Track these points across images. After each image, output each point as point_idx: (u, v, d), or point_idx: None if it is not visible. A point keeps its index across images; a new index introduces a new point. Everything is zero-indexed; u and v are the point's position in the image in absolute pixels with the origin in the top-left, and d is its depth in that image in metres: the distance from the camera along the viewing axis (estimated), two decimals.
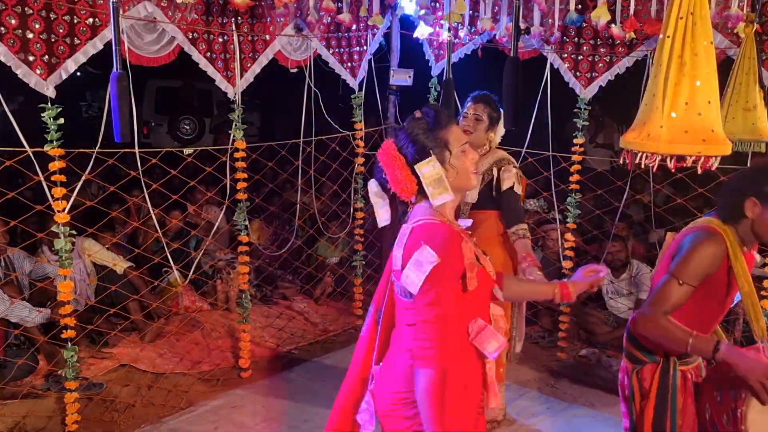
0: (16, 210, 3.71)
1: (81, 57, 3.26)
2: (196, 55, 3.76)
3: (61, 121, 3.20)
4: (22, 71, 3.07)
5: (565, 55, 4.38)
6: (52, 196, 3.27)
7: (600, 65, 4.31)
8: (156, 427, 3.72)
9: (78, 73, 3.61)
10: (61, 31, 3.17)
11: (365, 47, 4.78)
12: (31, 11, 3.06)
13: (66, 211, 3.30)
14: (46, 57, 3.13)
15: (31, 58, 3.08)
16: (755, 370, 2.06)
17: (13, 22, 3.01)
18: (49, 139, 3.19)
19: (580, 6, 3.77)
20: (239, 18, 3.89)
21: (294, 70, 4.37)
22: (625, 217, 5.15)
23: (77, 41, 3.24)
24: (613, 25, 3.79)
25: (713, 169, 1.92)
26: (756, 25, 2.93)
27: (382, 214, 1.95)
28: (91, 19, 3.27)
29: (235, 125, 4.02)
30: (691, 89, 1.85)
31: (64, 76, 3.22)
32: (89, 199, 4.27)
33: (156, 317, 4.82)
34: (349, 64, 4.68)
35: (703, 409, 2.38)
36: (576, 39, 4.33)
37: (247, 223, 4.20)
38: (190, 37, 3.69)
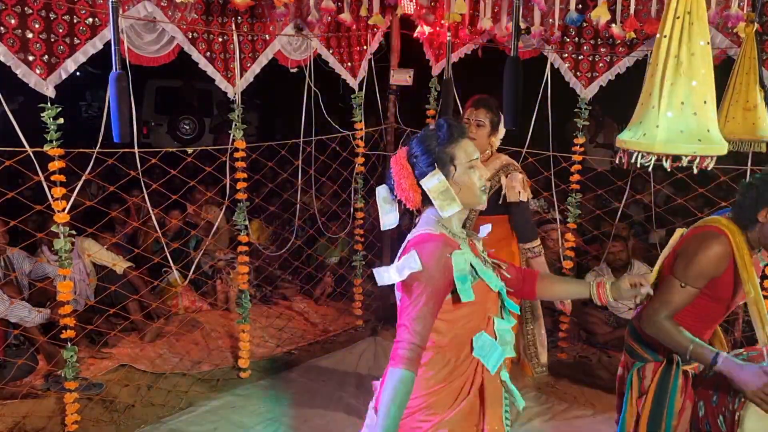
0: (16, 210, 3.71)
1: (81, 57, 3.26)
2: (195, 55, 3.75)
3: (61, 121, 3.20)
4: (21, 71, 3.07)
5: (566, 54, 4.38)
6: (52, 196, 3.27)
7: (600, 65, 4.31)
8: (156, 427, 3.72)
9: (78, 73, 3.61)
10: (60, 30, 3.17)
11: (365, 47, 4.78)
12: (30, 11, 3.06)
13: (66, 211, 3.30)
14: (46, 57, 3.13)
15: (30, 58, 3.08)
16: (752, 384, 2.07)
17: (12, 21, 3.01)
18: (48, 139, 3.19)
19: (580, 6, 3.77)
20: (239, 18, 3.89)
21: (294, 70, 4.37)
22: (625, 217, 5.14)
23: (77, 41, 3.24)
24: (613, 25, 3.79)
25: (708, 169, 1.91)
26: (756, 25, 2.91)
27: (388, 219, 1.95)
28: (90, 19, 3.27)
29: (235, 125, 4.02)
30: (687, 89, 1.85)
31: (64, 76, 3.22)
32: (89, 199, 4.28)
33: (156, 317, 4.82)
34: (349, 64, 4.68)
35: (696, 406, 2.39)
36: (576, 39, 4.33)
37: (246, 223, 4.19)
38: (190, 36, 3.69)
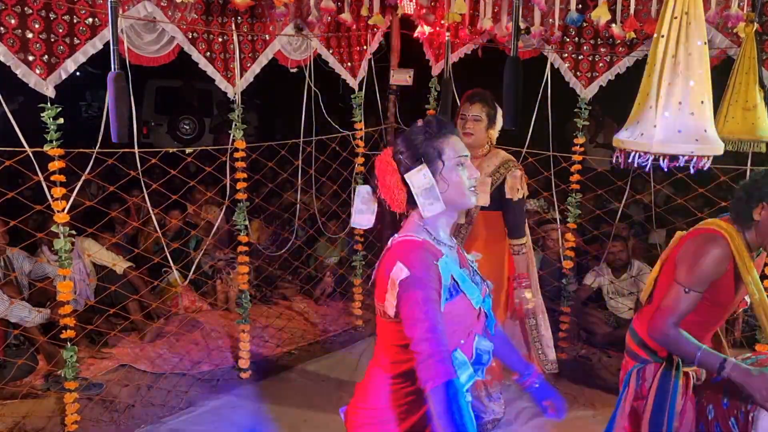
0: (16, 210, 3.71)
1: (80, 57, 3.26)
2: (195, 55, 3.75)
3: (61, 121, 3.20)
4: (21, 71, 3.06)
5: (566, 54, 4.38)
6: (52, 196, 3.27)
7: (600, 65, 4.31)
8: (156, 427, 3.72)
9: (77, 73, 3.60)
10: (60, 30, 3.17)
11: (365, 47, 4.78)
12: (30, 11, 3.06)
13: (66, 211, 3.30)
14: (46, 57, 3.13)
15: (30, 58, 3.08)
16: (761, 389, 2.07)
17: (12, 21, 3.01)
18: (48, 139, 3.19)
19: (580, 5, 3.77)
20: (239, 18, 3.89)
21: (294, 70, 4.37)
22: (625, 217, 5.14)
23: (77, 41, 3.24)
24: (613, 25, 3.78)
25: (705, 168, 1.91)
26: (756, 25, 2.92)
27: (360, 218, 1.86)
28: (90, 19, 3.27)
29: (235, 125, 4.02)
30: (684, 89, 1.85)
31: (64, 76, 3.22)
32: (89, 199, 4.27)
33: (156, 317, 4.82)
34: (349, 64, 4.68)
35: (704, 409, 2.38)
36: (576, 39, 4.32)
37: (246, 223, 4.19)
38: (190, 36, 3.69)
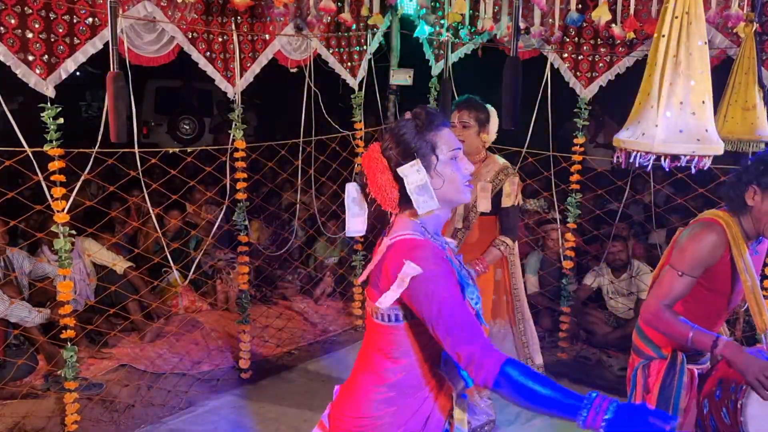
0: (16, 210, 3.71)
1: (80, 57, 3.26)
2: (195, 55, 3.75)
3: (61, 120, 3.20)
4: (21, 71, 3.07)
5: (566, 54, 4.38)
6: (52, 196, 3.27)
7: (600, 65, 4.31)
8: (156, 427, 3.72)
9: (77, 73, 3.61)
10: (60, 30, 3.17)
11: (365, 47, 4.78)
12: (30, 11, 3.06)
13: (65, 211, 3.30)
14: (46, 57, 3.13)
15: (30, 58, 3.08)
16: (752, 366, 2.08)
17: (12, 21, 3.01)
18: (48, 139, 3.19)
19: (580, 6, 3.77)
20: (239, 18, 3.89)
21: (294, 70, 4.37)
22: (625, 217, 5.14)
23: (77, 41, 3.24)
24: (613, 25, 3.79)
25: (705, 168, 1.92)
26: (756, 25, 2.92)
27: (354, 223, 1.74)
28: (90, 19, 3.27)
29: (235, 125, 4.02)
30: (685, 89, 1.85)
31: (64, 76, 3.22)
32: (89, 199, 4.28)
33: (156, 317, 4.82)
34: (349, 64, 4.68)
35: (701, 404, 2.39)
36: (576, 39, 4.33)
37: (246, 223, 4.19)
38: (190, 36, 3.69)
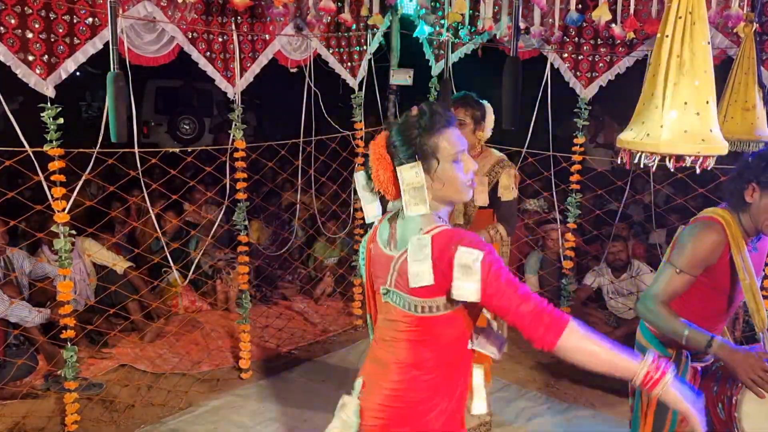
0: (16, 210, 3.71)
1: (80, 57, 3.27)
2: (195, 55, 3.76)
3: (61, 120, 3.20)
4: (21, 71, 3.07)
5: (566, 54, 4.38)
6: (52, 196, 3.27)
7: (600, 65, 4.31)
8: (156, 427, 3.72)
9: (77, 73, 3.61)
10: (60, 30, 3.17)
11: (365, 47, 4.78)
12: (30, 11, 3.06)
13: (66, 211, 3.30)
14: (46, 57, 3.13)
15: (30, 58, 3.08)
16: (744, 365, 2.09)
17: (12, 21, 3.01)
18: (48, 139, 3.19)
19: (580, 6, 3.77)
20: (239, 18, 3.89)
21: (294, 70, 4.37)
22: (625, 217, 5.14)
23: (77, 41, 3.24)
24: (613, 25, 3.79)
25: (709, 168, 1.92)
26: (756, 25, 2.92)
27: (370, 209, 1.85)
28: (90, 19, 3.27)
29: (235, 125, 4.02)
30: (690, 89, 1.85)
31: (64, 76, 3.22)
32: (89, 199, 4.27)
33: (156, 317, 4.82)
34: (349, 64, 4.68)
35: None
36: (576, 39, 4.33)
37: (246, 223, 4.19)
38: (190, 36, 3.69)
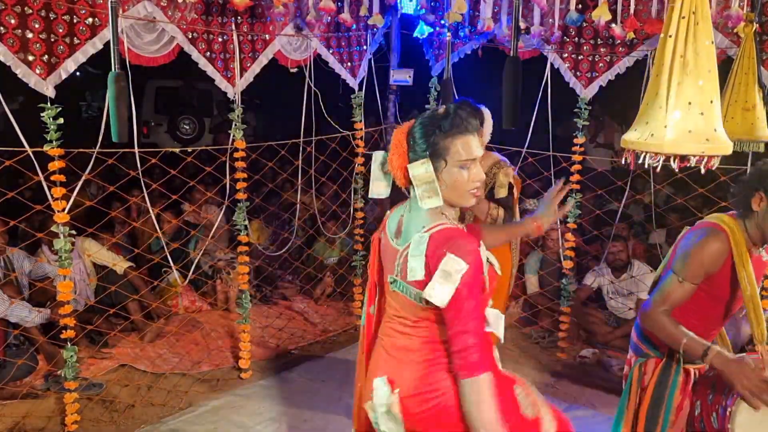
0: (16, 210, 3.70)
1: (80, 57, 3.26)
2: (195, 55, 3.75)
3: (61, 120, 3.20)
4: (21, 71, 3.06)
5: (566, 54, 4.38)
6: (52, 196, 3.26)
7: (600, 65, 4.31)
8: (156, 427, 3.71)
9: (77, 73, 3.60)
10: (60, 30, 3.16)
11: (365, 47, 4.78)
12: (30, 11, 3.05)
13: (66, 211, 3.30)
14: (46, 57, 3.13)
15: (30, 58, 3.08)
16: (739, 377, 2.07)
17: (12, 21, 3.00)
18: (48, 139, 3.19)
19: (580, 5, 3.77)
20: (239, 18, 3.88)
21: (294, 70, 4.37)
22: (625, 217, 5.14)
23: (77, 41, 3.23)
24: (613, 25, 3.79)
25: (713, 168, 1.92)
26: (756, 25, 2.92)
27: (377, 186, 1.93)
28: (90, 19, 3.26)
29: (235, 125, 4.02)
30: (694, 89, 1.85)
31: (64, 76, 3.22)
32: (89, 199, 4.27)
33: (156, 317, 4.81)
34: (349, 64, 4.68)
35: (693, 405, 2.39)
36: (576, 39, 4.32)
37: (246, 223, 4.19)
38: (190, 36, 3.69)
